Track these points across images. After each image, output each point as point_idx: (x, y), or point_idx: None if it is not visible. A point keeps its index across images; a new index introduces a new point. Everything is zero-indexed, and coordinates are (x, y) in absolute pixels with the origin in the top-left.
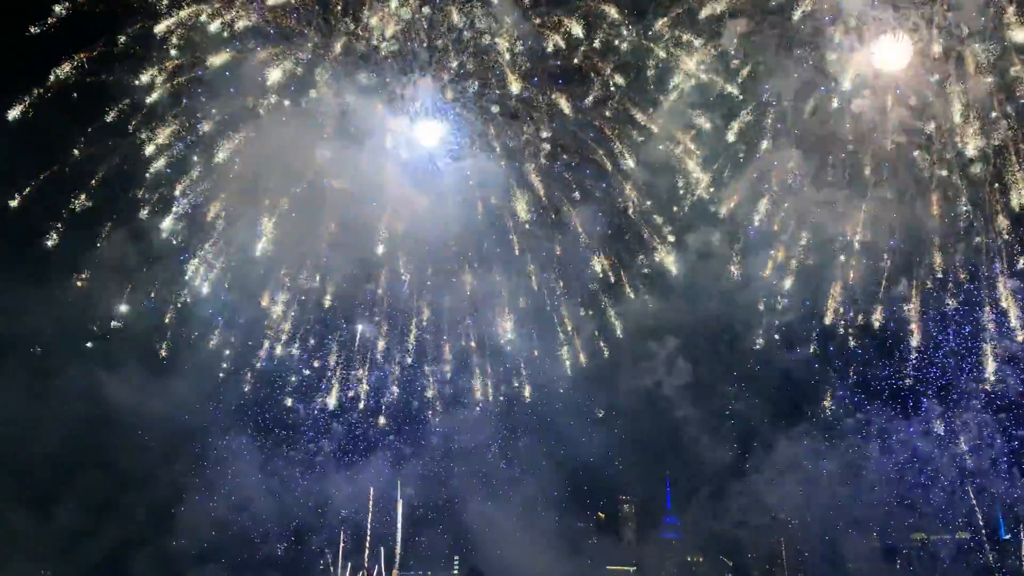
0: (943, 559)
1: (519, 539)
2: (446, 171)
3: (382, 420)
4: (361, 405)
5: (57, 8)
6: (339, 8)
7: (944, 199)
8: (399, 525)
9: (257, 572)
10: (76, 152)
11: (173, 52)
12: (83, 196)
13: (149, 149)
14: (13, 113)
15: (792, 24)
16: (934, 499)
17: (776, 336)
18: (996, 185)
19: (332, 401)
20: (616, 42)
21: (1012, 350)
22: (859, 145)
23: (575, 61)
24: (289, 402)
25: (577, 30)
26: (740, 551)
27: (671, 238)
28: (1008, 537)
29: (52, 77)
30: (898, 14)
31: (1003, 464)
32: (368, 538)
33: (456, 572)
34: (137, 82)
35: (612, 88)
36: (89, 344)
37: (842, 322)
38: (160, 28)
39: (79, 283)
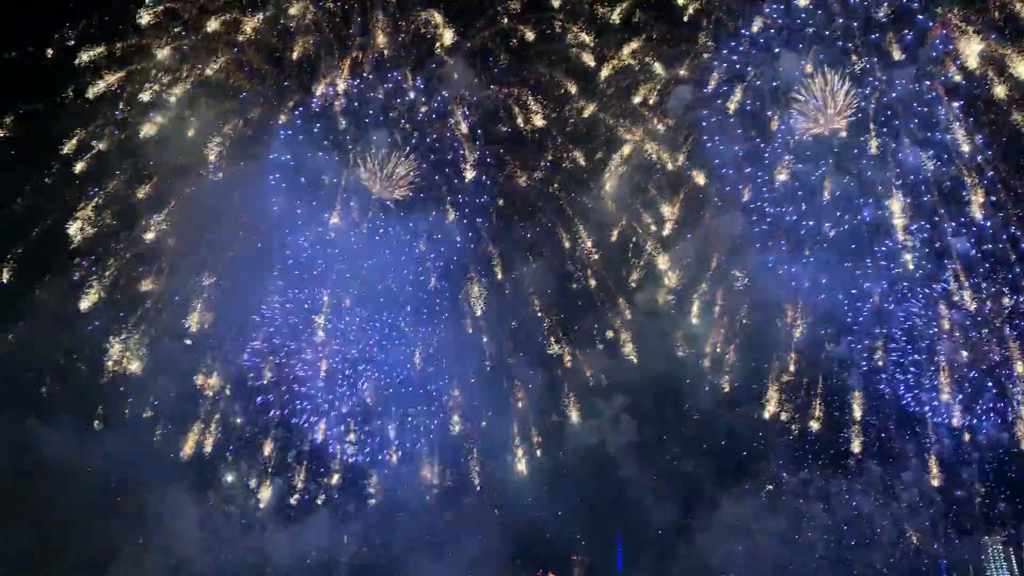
0: None
1: None
2: (396, 225)
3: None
4: (301, 476)
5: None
6: (293, 64)
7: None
8: None
9: None
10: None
11: (109, 113)
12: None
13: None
14: None
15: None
16: (879, 560)
17: (721, 395)
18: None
19: (266, 494)
20: (567, 112)
21: (949, 414)
22: (799, 208)
23: (527, 129)
24: (229, 477)
25: (531, 103)
26: None
27: (627, 315)
28: None
29: None
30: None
31: (943, 526)
32: None
33: None
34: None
35: (565, 157)
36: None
37: (784, 408)
38: (94, 92)
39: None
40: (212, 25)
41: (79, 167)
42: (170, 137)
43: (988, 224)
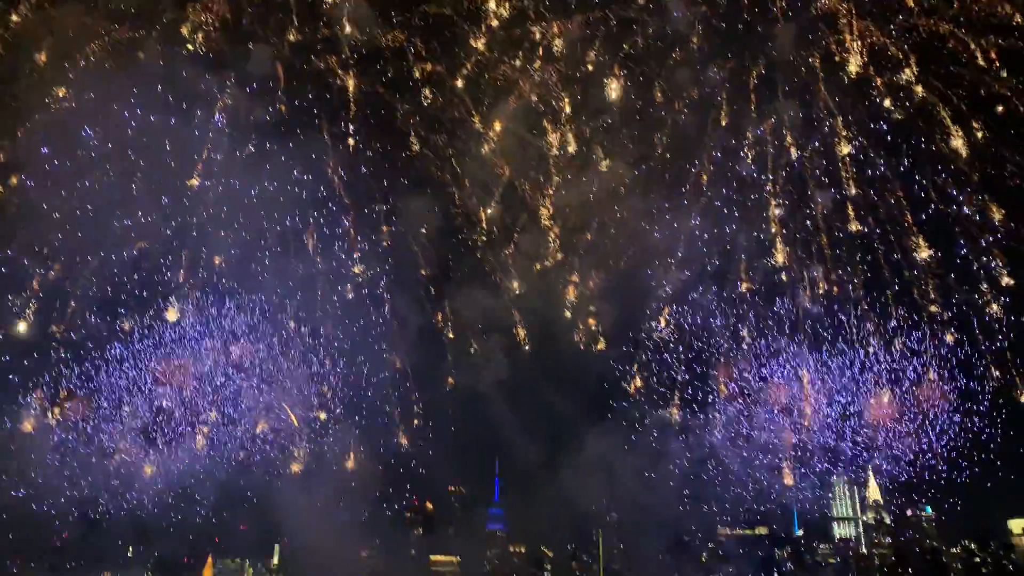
0: (743, 552)
1: (338, 529)
2: (272, 147)
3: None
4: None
5: None
6: None
7: (748, 218)
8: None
9: (49, 558)
10: None
11: None
12: None
13: None
14: None
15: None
16: (734, 497)
17: (592, 337)
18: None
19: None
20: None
21: (800, 358)
22: (684, 157)
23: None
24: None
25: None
26: (560, 542)
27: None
28: (800, 533)
29: None
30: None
31: (803, 464)
32: (175, 524)
33: (276, 561)
34: None
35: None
36: None
37: (653, 328)
38: None
39: None
40: None
41: None
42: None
43: (853, 193)
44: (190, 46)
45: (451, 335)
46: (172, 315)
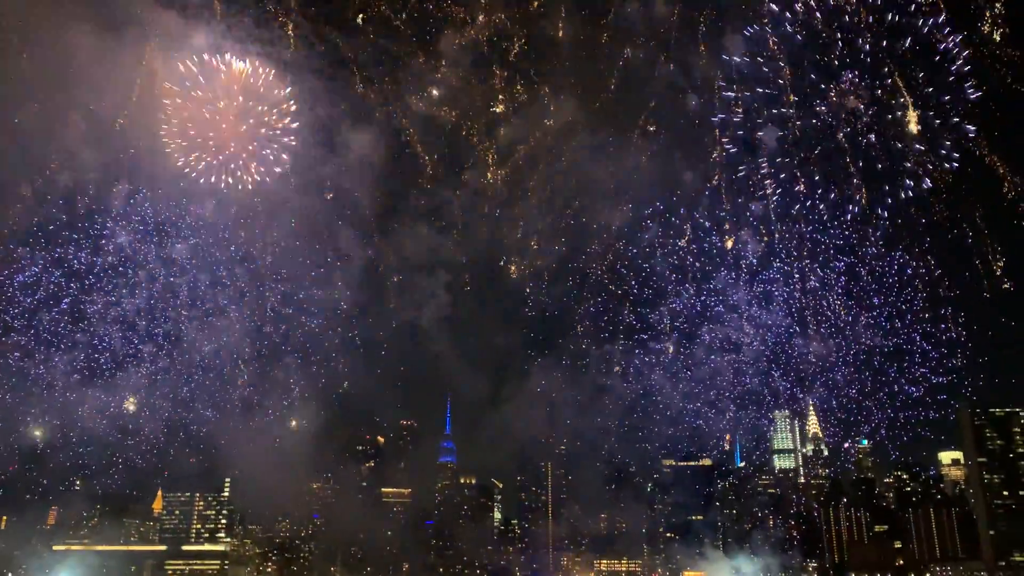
0: (686, 483)
1: (288, 463)
2: (216, 74)
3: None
4: (111, 313)
5: None
6: None
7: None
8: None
9: None
10: None
11: None
12: None
13: None
14: None
15: None
16: (677, 431)
17: (536, 272)
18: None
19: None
20: None
21: (739, 298)
22: (629, 94)
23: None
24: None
25: None
26: (510, 474)
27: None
28: (742, 464)
29: None
30: None
31: (740, 401)
32: (120, 459)
33: (227, 494)
34: None
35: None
36: None
37: (596, 262)
38: None
39: None
40: None
41: None
42: None
43: (798, 120)
44: None
45: (395, 273)
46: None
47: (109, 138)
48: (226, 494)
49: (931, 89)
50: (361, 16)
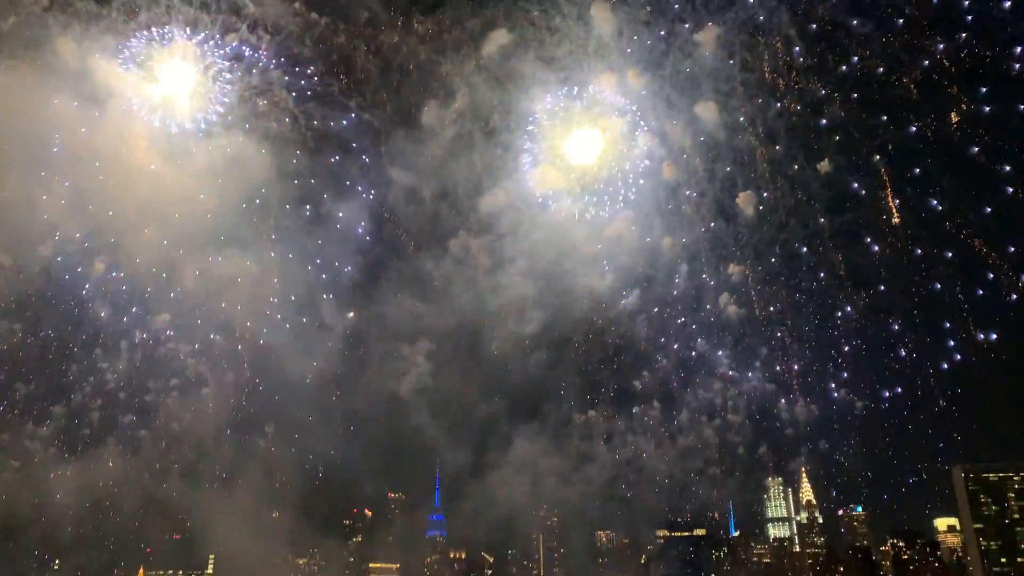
0: (684, 553)
1: (272, 537)
2: (199, 148)
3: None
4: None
5: None
6: None
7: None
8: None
9: None
10: None
11: None
12: None
13: None
14: None
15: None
16: (671, 499)
17: (519, 339)
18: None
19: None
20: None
21: (722, 365)
22: (608, 162)
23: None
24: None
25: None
26: (501, 547)
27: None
28: (737, 534)
29: None
30: None
31: (732, 468)
32: (96, 534)
33: (211, 571)
34: None
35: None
36: None
37: (580, 330)
38: None
39: None
40: None
41: None
42: None
43: (766, 194)
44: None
45: (376, 342)
46: None
47: (91, 210)
48: (210, 572)
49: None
50: (345, 91)
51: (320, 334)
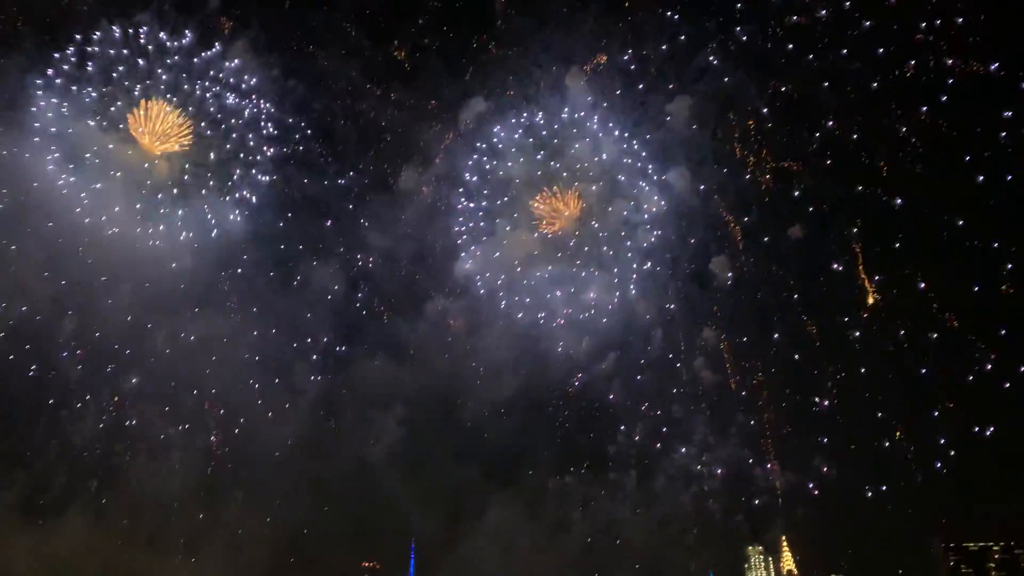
0: None
1: None
2: (175, 210)
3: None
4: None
5: None
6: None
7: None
8: None
9: None
10: None
11: None
12: None
13: None
14: None
15: None
16: (650, 568)
17: (494, 405)
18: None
19: None
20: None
21: (698, 432)
22: (583, 230)
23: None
24: None
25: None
26: None
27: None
28: None
29: None
30: None
31: (710, 537)
32: None
33: None
34: None
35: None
36: None
37: (555, 395)
38: None
39: None
40: None
41: None
42: None
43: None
44: None
45: (348, 407)
46: None
47: (63, 269)
48: None
49: None
50: (323, 155)
51: (292, 398)
